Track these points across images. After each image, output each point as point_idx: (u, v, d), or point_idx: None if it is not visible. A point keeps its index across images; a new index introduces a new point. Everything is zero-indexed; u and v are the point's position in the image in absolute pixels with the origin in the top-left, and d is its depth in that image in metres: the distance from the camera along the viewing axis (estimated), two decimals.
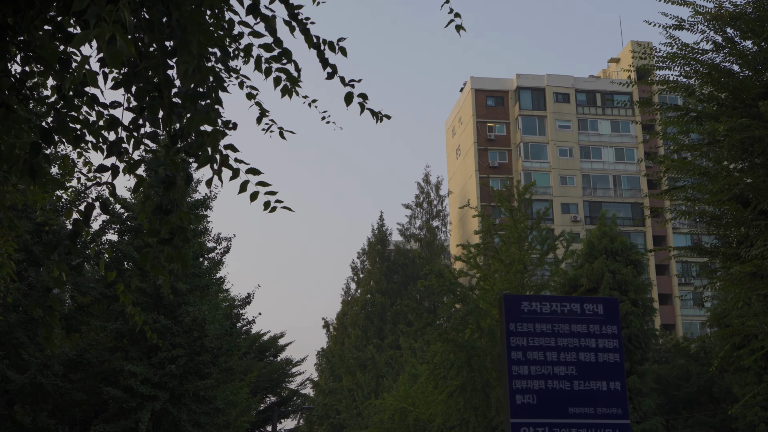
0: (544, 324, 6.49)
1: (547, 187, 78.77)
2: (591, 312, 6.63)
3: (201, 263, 27.98)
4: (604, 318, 6.74)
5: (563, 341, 6.54)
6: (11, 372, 22.66)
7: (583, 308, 6.63)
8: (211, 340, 25.49)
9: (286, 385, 52.52)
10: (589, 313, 6.65)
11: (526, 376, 6.36)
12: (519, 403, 6.26)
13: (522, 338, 6.37)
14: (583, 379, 6.53)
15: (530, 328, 6.45)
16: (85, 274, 27.03)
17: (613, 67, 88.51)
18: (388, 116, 6.85)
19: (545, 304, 6.55)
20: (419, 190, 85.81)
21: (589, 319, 6.64)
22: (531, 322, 6.46)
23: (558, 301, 6.65)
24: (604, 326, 6.75)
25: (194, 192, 28.14)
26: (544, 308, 6.52)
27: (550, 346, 6.47)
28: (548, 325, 6.49)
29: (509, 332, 6.33)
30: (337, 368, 71.41)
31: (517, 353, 6.32)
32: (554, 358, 6.47)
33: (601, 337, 6.71)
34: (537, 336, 6.46)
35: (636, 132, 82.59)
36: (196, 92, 4.29)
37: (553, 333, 6.50)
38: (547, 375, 6.42)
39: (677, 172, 18.97)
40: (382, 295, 78.66)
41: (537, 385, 6.35)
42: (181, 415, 24.81)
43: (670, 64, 17.99)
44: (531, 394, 6.29)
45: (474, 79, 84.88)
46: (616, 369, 6.68)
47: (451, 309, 40.45)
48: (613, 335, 6.75)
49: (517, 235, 39.06)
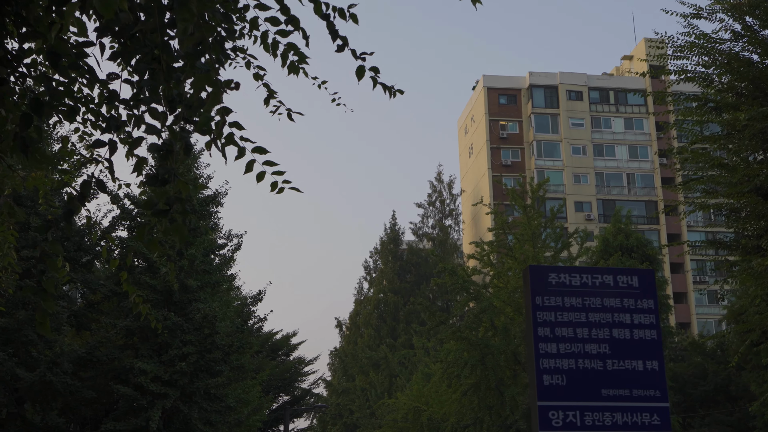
0: (573, 298, 5.94)
1: (561, 185, 78.33)
2: (625, 284, 6.10)
3: (212, 260, 27.71)
4: (640, 291, 6.15)
5: (595, 316, 5.99)
6: (20, 370, 22.44)
7: (616, 280, 6.10)
8: (222, 338, 25.21)
9: (298, 385, 52.24)
10: (623, 286, 6.11)
11: (555, 355, 5.81)
12: (547, 384, 5.71)
13: (549, 313, 5.83)
14: (617, 357, 5.99)
15: (558, 302, 5.91)
16: (95, 272, 26.82)
17: (626, 64, 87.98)
18: (401, 91, 6.56)
19: (575, 276, 6.01)
20: (432, 189, 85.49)
21: (624, 293, 6.09)
22: (559, 296, 5.91)
23: (589, 272, 6.09)
24: (640, 300, 6.17)
25: (204, 188, 27.91)
26: (573, 280, 5.98)
27: (581, 321, 5.90)
28: (578, 298, 5.94)
29: (535, 306, 5.78)
30: (350, 368, 71.17)
31: (544, 329, 5.78)
32: (585, 334, 5.93)
33: (637, 312, 6.12)
34: (566, 311, 5.91)
35: (650, 129, 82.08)
36: (195, 50, 3.98)
37: (584, 307, 5.93)
38: (577, 353, 5.84)
39: (695, 163, 18.62)
40: (394, 294, 78.35)
41: (566, 364, 5.81)
42: (192, 413, 24.54)
43: (688, 54, 17.65)
44: (560, 375, 5.74)
45: (486, 78, 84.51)
46: (654, 347, 6.14)
47: (464, 307, 40.12)
48: (650, 310, 6.16)
49: (531, 233, 38.71)
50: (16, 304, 23.06)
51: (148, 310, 8.27)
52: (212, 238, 28.31)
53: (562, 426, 5.54)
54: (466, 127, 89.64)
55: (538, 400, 5.59)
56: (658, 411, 5.88)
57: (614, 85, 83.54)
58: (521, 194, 41.23)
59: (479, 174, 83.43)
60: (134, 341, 25.59)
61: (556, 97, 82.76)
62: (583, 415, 5.62)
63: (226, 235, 30.18)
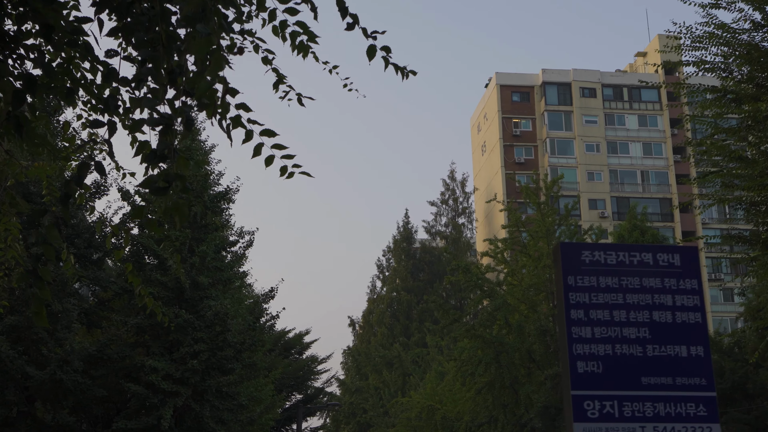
0: (609, 277, 5.45)
1: (574, 183, 77.89)
2: (666, 263, 5.59)
3: (223, 257, 27.47)
4: (682, 270, 5.61)
5: (633, 298, 5.49)
6: (31, 368, 22.23)
7: (656, 258, 5.60)
8: (234, 335, 24.96)
9: (311, 383, 52.05)
10: (663, 265, 5.61)
11: (590, 340, 5.29)
12: (581, 371, 5.18)
13: (583, 294, 5.36)
14: (659, 342, 5.45)
15: (593, 282, 5.43)
16: (105, 270, 26.62)
17: (639, 61, 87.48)
18: (413, 72, 6.28)
19: (610, 254, 5.54)
20: (444, 187, 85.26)
21: (664, 272, 5.57)
22: (594, 275, 5.43)
23: (626, 250, 5.60)
24: (683, 280, 5.62)
25: (216, 185, 27.68)
26: (609, 258, 5.51)
27: (618, 303, 5.41)
28: (614, 278, 5.45)
29: (568, 287, 5.32)
30: (364, 366, 71.00)
31: (577, 312, 5.31)
32: (623, 317, 5.43)
33: (679, 293, 5.56)
34: (601, 291, 5.42)
35: (664, 126, 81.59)
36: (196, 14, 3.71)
37: (621, 288, 5.44)
38: (614, 338, 5.35)
39: (714, 156, 18.28)
40: (407, 292, 78.13)
41: (603, 350, 5.29)
42: (204, 411, 24.31)
43: (706, 44, 17.32)
44: (595, 361, 5.22)
45: (499, 75, 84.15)
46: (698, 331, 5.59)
47: (478, 305, 39.88)
48: (693, 291, 5.61)
49: (545, 230, 38.43)
50: (26, 302, 22.86)
51: (154, 302, 8.02)
52: (224, 235, 28.07)
53: (599, 417, 5.06)
54: (479, 124, 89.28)
55: (572, 389, 5.09)
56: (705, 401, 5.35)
57: (628, 81, 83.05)
58: (535, 191, 40.91)
59: (492, 172, 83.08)
60: (145, 339, 25.37)
61: (569, 95, 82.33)
62: (622, 406, 5.13)
63: (237, 232, 29.95)
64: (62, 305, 22.84)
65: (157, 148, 3.80)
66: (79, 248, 24.33)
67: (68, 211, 4.61)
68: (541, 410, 34.29)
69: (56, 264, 22.93)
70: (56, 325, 23.01)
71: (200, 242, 25.76)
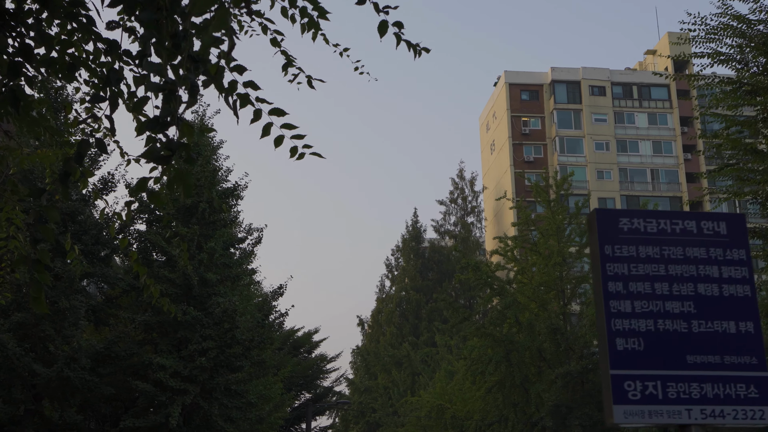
0: (650, 247, 5.00)
1: (584, 182, 77.52)
2: (711, 231, 5.13)
3: (232, 254, 27.26)
4: (729, 240, 5.24)
5: (676, 269, 5.02)
6: (38, 365, 22.06)
7: (700, 227, 5.14)
8: (242, 332, 24.74)
9: (320, 382, 51.85)
10: (708, 233, 5.14)
11: (629, 314, 4.90)
12: (621, 349, 4.80)
13: (622, 265, 4.93)
14: (704, 318, 5.05)
15: (632, 251, 5.00)
16: (113, 267, 26.44)
17: (649, 59, 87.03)
18: (426, 49, 6.03)
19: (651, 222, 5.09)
20: (453, 186, 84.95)
21: (710, 241, 5.09)
22: (633, 245, 4.99)
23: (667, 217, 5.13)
24: (729, 250, 5.22)
25: (224, 181, 27.48)
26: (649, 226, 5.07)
27: (659, 275, 4.98)
28: (656, 248, 5.02)
29: (605, 258, 4.95)
30: (373, 366, 70.77)
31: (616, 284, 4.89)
32: (665, 290, 4.98)
33: (726, 264, 5.13)
34: (642, 262, 4.97)
35: (674, 124, 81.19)
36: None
37: (663, 258, 4.98)
38: (656, 312, 4.95)
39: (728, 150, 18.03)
40: (416, 292, 77.89)
41: (644, 325, 4.90)
42: (213, 409, 24.11)
43: (721, 35, 17.06)
44: (636, 338, 4.84)
45: (508, 73, 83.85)
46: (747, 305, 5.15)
47: (488, 304, 39.66)
48: (741, 261, 5.11)
49: (555, 227, 38.19)
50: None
51: (160, 292, 7.81)
52: (232, 232, 27.86)
53: (641, 399, 4.65)
54: (488, 123, 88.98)
55: (611, 368, 4.65)
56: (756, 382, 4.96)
57: (637, 80, 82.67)
58: (545, 189, 40.67)
59: (501, 171, 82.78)
60: (153, 336, 25.20)
61: (578, 93, 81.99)
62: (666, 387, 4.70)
63: (246, 229, 29.73)
64: (69, 302, 22.67)
65: (159, 114, 3.56)
66: (86, 245, 24.15)
67: (68, 191, 4.38)
68: (552, 409, 34.02)
69: (65, 261, 22.79)
70: (63, 322, 22.83)
71: (208, 239, 25.57)
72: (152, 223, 26.40)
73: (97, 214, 25.06)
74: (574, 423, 33.27)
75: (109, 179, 24.94)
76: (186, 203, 25.30)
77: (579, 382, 35.16)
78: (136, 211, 26.25)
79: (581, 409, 33.96)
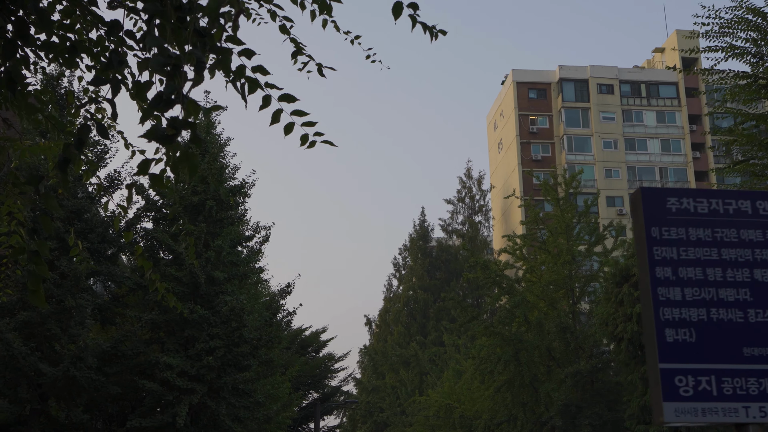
0: (701, 229, 4.49)
1: (592, 180, 77.21)
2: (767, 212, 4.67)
3: (239, 252, 27.04)
4: None
5: (730, 253, 4.52)
6: (44, 365, 21.86)
7: (755, 207, 4.62)
8: (250, 331, 24.52)
9: (328, 382, 51.65)
10: (764, 214, 4.60)
11: (680, 303, 4.44)
12: (671, 341, 4.36)
13: (671, 249, 4.46)
14: (762, 306, 4.56)
15: (682, 234, 4.48)
16: (120, 265, 26.24)
17: (657, 57, 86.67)
18: (443, 31, 5.78)
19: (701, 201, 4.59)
20: (461, 185, 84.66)
21: (766, 223, 4.71)
22: (683, 226, 4.48)
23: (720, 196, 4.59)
24: None
25: (232, 179, 27.26)
26: (700, 207, 4.57)
27: (712, 259, 4.57)
28: (707, 230, 4.61)
29: (652, 240, 4.50)
30: (380, 365, 70.58)
31: (664, 270, 4.37)
32: (718, 276, 4.48)
33: None
34: (692, 246, 4.45)
35: (682, 123, 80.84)
36: None
37: (715, 241, 4.51)
38: (709, 301, 4.50)
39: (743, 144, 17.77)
40: (424, 291, 77.70)
41: (695, 314, 4.46)
42: (220, 408, 23.90)
43: (736, 28, 16.80)
44: (687, 329, 4.40)
45: (515, 72, 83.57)
46: None
47: (496, 302, 39.47)
48: None
49: (565, 225, 37.97)
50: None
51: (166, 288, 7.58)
52: (239, 230, 27.65)
53: (693, 395, 4.21)
54: (496, 122, 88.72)
55: (659, 361, 4.16)
56: None
57: (646, 78, 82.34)
58: (553, 187, 40.46)
59: (509, 169, 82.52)
60: (160, 335, 25.00)
61: (586, 91, 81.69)
62: (721, 382, 4.23)
63: (253, 227, 29.51)
64: (75, 301, 22.48)
65: (163, 91, 3.32)
66: (92, 243, 23.95)
67: (67, 178, 4.15)
68: (562, 408, 33.79)
69: (70, 259, 22.58)
70: (69, 321, 22.65)
71: (216, 236, 25.36)
72: (159, 221, 26.21)
73: (103, 211, 24.87)
74: (584, 423, 33.02)
75: (116, 177, 24.74)
76: (193, 201, 25.11)
77: (589, 381, 34.93)
78: (143, 209, 26.08)
79: (591, 408, 33.73)
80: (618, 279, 33.75)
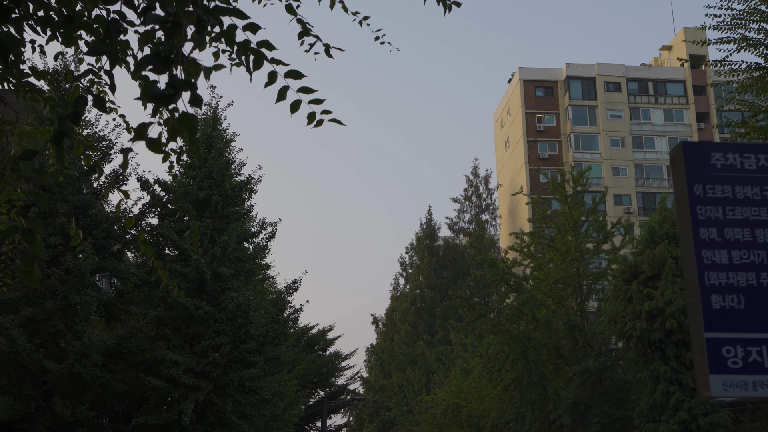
0: (749, 187, 4.12)
1: (599, 178, 76.88)
2: None
3: (245, 248, 26.83)
4: None
5: None
6: (48, 362, 21.70)
7: None
8: (256, 328, 24.31)
9: (334, 380, 51.47)
10: None
11: (726, 267, 3.99)
12: (717, 308, 3.90)
13: (716, 208, 4.06)
14: None
15: (728, 192, 4.02)
16: (125, 261, 26.06)
17: (665, 54, 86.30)
18: (458, 3, 5.56)
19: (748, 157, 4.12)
20: (468, 183, 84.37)
21: None
22: (728, 184, 4.09)
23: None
24: None
25: (238, 174, 27.04)
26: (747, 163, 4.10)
27: (761, 219, 4.11)
28: (755, 188, 4.15)
29: (695, 199, 4.05)
30: (387, 364, 70.40)
31: (709, 231, 3.91)
32: None
33: None
34: (739, 204, 3.97)
35: (690, 120, 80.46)
36: None
37: (765, 200, 4.11)
38: (759, 264, 4.03)
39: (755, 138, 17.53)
40: (431, 290, 77.46)
41: (744, 279, 3.99)
42: (226, 406, 23.70)
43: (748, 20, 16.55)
44: (735, 295, 3.93)
45: (522, 70, 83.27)
46: None
47: (504, 300, 39.28)
48: None
49: (573, 223, 37.74)
50: (44, 294, 22.33)
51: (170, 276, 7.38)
52: (245, 226, 27.45)
53: (743, 367, 3.77)
54: (502, 120, 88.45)
55: (705, 330, 3.79)
56: None
57: (653, 75, 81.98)
58: (561, 182, 40.22)
59: (516, 168, 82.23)
60: (166, 332, 24.81)
61: (593, 89, 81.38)
62: None
63: (260, 223, 29.30)
64: (80, 297, 22.31)
65: (161, 50, 3.11)
66: (97, 239, 23.77)
67: (62, 153, 3.95)
68: (570, 407, 33.57)
69: (75, 255, 22.42)
70: (74, 317, 22.47)
71: (222, 232, 25.16)
72: (164, 217, 26.02)
73: (108, 207, 24.71)
74: (593, 421, 32.80)
75: (121, 173, 24.56)
76: (199, 196, 24.93)
77: (597, 379, 34.72)
78: (148, 204, 25.90)
79: (600, 406, 33.51)
80: (626, 276, 33.53)
